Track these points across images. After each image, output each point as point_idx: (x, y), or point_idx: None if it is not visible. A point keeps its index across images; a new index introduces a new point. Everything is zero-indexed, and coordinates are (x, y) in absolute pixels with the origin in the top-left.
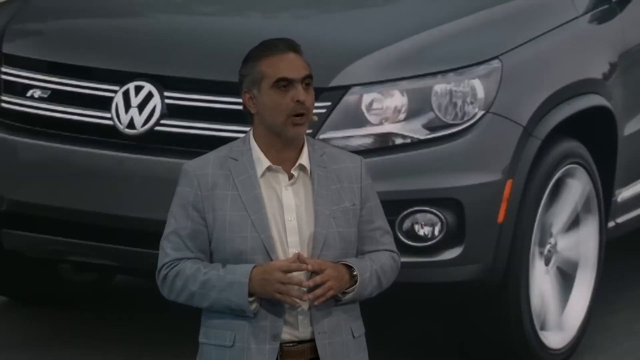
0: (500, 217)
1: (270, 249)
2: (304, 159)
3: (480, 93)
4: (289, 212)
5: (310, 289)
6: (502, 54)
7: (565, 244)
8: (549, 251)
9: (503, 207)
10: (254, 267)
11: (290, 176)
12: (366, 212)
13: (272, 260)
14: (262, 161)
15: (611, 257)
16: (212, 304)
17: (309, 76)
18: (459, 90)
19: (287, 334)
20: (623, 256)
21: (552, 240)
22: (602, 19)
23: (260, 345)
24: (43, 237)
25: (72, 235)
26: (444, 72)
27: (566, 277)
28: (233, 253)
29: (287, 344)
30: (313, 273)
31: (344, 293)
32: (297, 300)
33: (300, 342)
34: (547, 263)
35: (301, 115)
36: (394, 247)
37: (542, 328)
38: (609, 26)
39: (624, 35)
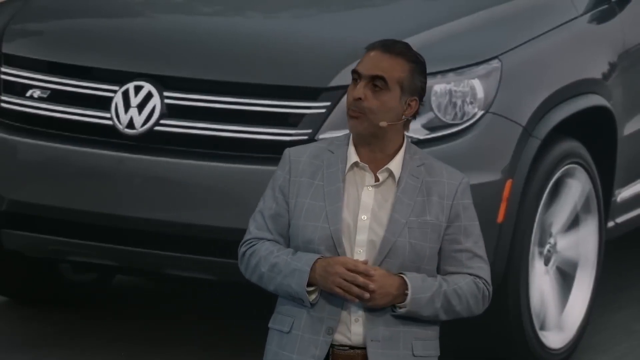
0: (500, 217)
1: (338, 243)
2: (394, 165)
3: (480, 93)
4: (364, 211)
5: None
6: (501, 54)
7: (564, 243)
8: (549, 251)
9: (502, 207)
10: (319, 257)
11: (377, 178)
12: (453, 231)
13: (338, 253)
14: (352, 156)
15: (611, 257)
16: (276, 289)
17: (379, 77)
18: (458, 90)
19: (340, 335)
20: (623, 256)
21: (551, 240)
22: (601, 18)
23: (314, 335)
24: (43, 237)
25: (72, 235)
26: (443, 72)
27: (566, 277)
28: (304, 241)
29: (339, 347)
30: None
31: (398, 307)
32: (356, 298)
33: (352, 347)
34: (546, 263)
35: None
36: (482, 274)
37: (542, 328)
38: (609, 26)
39: (624, 35)
